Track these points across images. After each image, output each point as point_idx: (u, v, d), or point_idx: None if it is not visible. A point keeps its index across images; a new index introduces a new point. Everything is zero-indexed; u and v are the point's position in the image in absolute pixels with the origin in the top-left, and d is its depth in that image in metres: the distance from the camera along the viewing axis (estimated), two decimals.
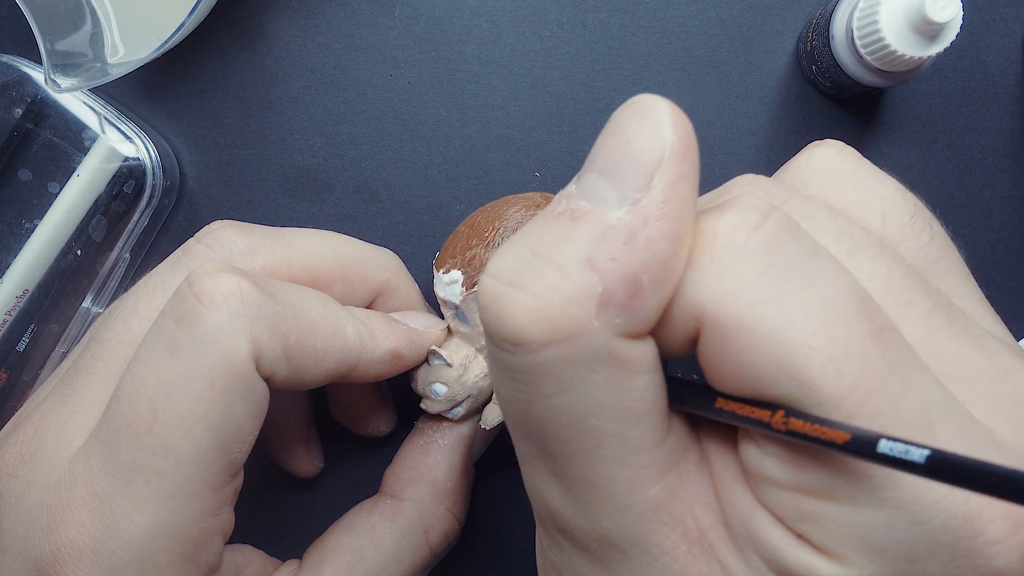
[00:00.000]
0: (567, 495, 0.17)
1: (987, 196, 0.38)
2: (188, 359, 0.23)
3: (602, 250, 0.15)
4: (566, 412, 0.16)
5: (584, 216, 0.16)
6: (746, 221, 0.16)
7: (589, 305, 0.15)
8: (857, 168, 0.20)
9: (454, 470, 0.32)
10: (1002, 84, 0.37)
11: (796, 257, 0.16)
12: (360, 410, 0.35)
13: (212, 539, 0.24)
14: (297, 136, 0.37)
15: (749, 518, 0.17)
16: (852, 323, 0.15)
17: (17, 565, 0.23)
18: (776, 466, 0.16)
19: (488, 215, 0.30)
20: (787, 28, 0.37)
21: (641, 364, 0.16)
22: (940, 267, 0.19)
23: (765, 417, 0.16)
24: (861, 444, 0.14)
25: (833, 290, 0.15)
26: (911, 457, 0.14)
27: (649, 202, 0.15)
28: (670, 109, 0.16)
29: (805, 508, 0.16)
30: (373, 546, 0.29)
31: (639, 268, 0.15)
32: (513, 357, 0.16)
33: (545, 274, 0.16)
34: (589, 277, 0.15)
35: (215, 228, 0.28)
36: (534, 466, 0.18)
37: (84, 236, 0.35)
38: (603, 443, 0.16)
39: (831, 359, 0.15)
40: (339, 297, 0.29)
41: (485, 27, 0.37)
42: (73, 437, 0.24)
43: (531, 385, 0.16)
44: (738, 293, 0.15)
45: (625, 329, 0.16)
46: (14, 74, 0.35)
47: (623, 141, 0.16)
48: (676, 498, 0.17)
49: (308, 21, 0.37)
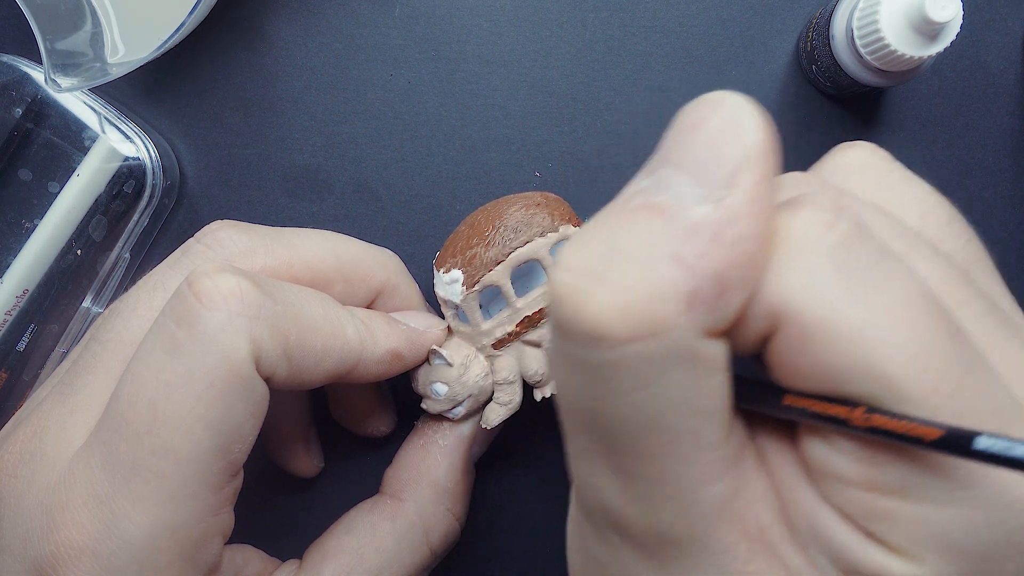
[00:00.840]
0: (628, 491, 0.17)
1: (987, 196, 0.38)
2: (188, 359, 0.23)
3: (690, 246, 0.15)
4: (642, 409, 0.16)
5: (666, 210, 0.15)
6: (820, 219, 0.16)
7: (677, 302, 0.15)
8: (891, 170, 0.20)
9: (454, 470, 0.32)
10: (1002, 84, 0.37)
11: (871, 256, 0.16)
12: (360, 410, 0.35)
13: (212, 539, 0.24)
14: (297, 136, 0.37)
15: (814, 516, 0.16)
16: (932, 323, 0.15)
17: (17, 565, 0.23)
18: (848, 463, 0.16)
19: (488, 214, 0.30)
20: (787, 28, 0.37)
21: (717, 362, 0.16)
22: (977, 269, 0.19)
23: (843, 413, 0.15)
24: (956, 440, 0.14)
25: (910, 290, 0.15)
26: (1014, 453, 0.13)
27: (735, 200, 0.15)
28: (752, 107, 0.16)
29: (877, 506, 0.16)
30: (373, 546, 0.29)
31: (727, 266, 0.15)
32: (589, 353, 0.15)
33: (629, 268, 0.15)
34: (677, 273, 0.15)
35: (215, 228, 0.28)
36: (592, 462, 0.18)
37: (84, 236, 0.35)
38: (676, 440, 0.16)
39: (915, 358, 0.15)
40: (339, 297, 0.29)
41: (485, 27, 0.37)
42: (73, 437, 0.24)
43: (608, 382, 0.16)
44: (817, 291, 0.15)
45: (709, 327, 0.15)
46: (14, 74, 0.35)
47: (704, 137, 0.16)
48: (738, 495, 0.17)
49: (308, 21, 0.37)
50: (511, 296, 0.29)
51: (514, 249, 0.29)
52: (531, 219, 0.29)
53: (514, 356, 0.30)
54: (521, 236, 0.29)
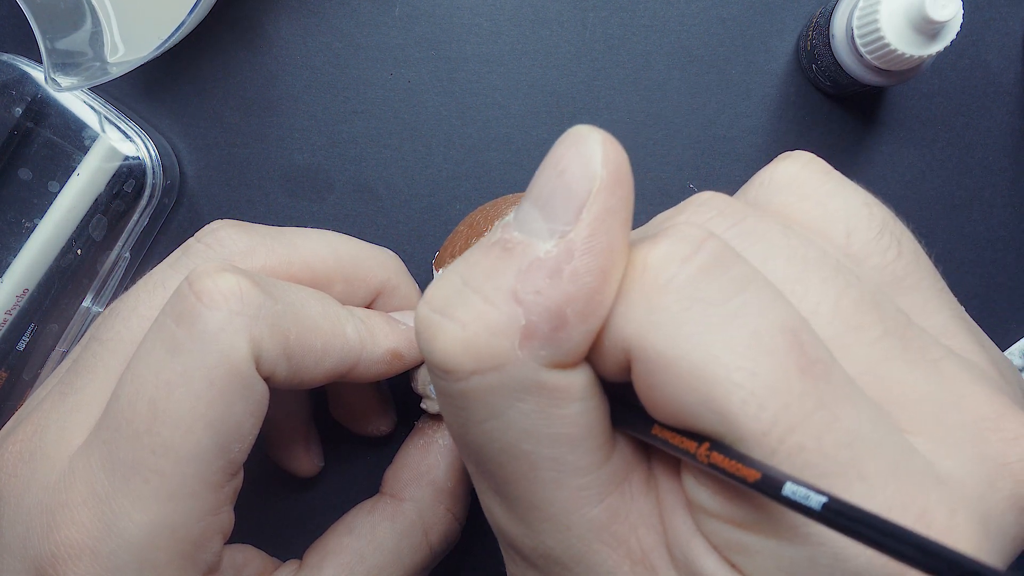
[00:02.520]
0: (512, 514, 0.18)
1: (987, 196, 0.38)
2: (188, 358, 0.23)
3: (527, 282, 0.16)
4: (498, 437, 0.16)
5: (514, 247, 0.16)
6: (676, 253, 0.16)
7: (512, 336, 0.16)
8: (823, 182, 0.19)
9: (454, 470, 0.32)
10: (1002, 84, 0.37)
11: (725, 290, 0.15)
12: (360, 410, 0.35)
13: (212, 538, 0.24)
14: (297, 136, 0.37)
15: (687, 544, 0.17)
16: (778, 357, 0.15)
17: (17, 564, 0.23)
18: (708, 496, 0.16)
19: (487, 214, 0.30)
20: (787, 28, 0.37)
21: (572, 392, 0.16)
22: (907, 283, 0.18)
23: (692, 448, 0.16)
24: (769, 484, 0.14)
25: (761, 323, 0.15)
26: (810, 503, 0.14)
27: (575, 235, 0.16)
28: (602, 141, 0.16)
29: (736, 539, 0.16)
30: (373, 546, 0.29)
31: (562, 301, 0.15)
32: (445, 383, 0.16)
33: (473, 304, 0.16)
34: (513, 309, 0.16)
35: (215, 227, 0.28)
36: (479, 485, 0.19)
37: (84, 235, 0.35)
38: (538, 466, 0.17)
39: (752, 394, 0.15)
40: (339, 297, 0.29)
41: (485, 27, 0.37)
42: (73, 436, 0.24)
43: (463, 411, 0.17)
44: (663, 327, 0.15)
45: (551, 360, 0.16)
46: (14, 73, 0.35)
47: (556, 172, 0.16)
48: (618, 519, 0.17)
49: (308, 21, 0.37)
50: None
51: None
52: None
53: None
54: None
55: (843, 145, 0.37)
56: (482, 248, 0.17)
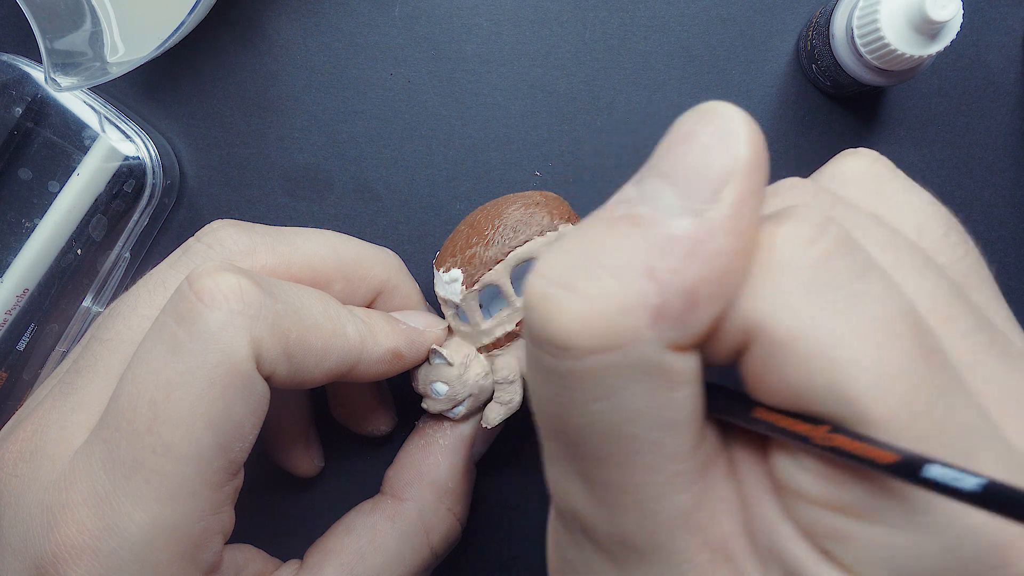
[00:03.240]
0: (593, 497, 0.17)
1: (987, 196, 0.38)
2: (188, 357, 0.23)
3: (663, 260, 0.15)
4: (605, 419, 0.16)
5: (646, 222, 0.15)
6: (802, 235, 0.16)
7: (643, 316, 0.15)
8: (891, 179, 0.20)
9: (455, 470, 0.32)
10: (1002, 84, 0.37)
11: (850, 274, 0.15)
12: (360, 410, 0.35)
13: (212, 538, 0.24)
14: (297, 136, 0.37)
15: (774, 530, 0.16)
16: (903, 344, 0.15)
17: (17, 564, 0.23)
18: (810, 480, 0.16)
19: (488, 214, 0.30)
20: (787, 28, 0.37)
21: (685, 375, 0.16)
22: (973, 282, 0.19)
23: (806, 431, 0.15)
24: (908, 467, 0.14)
25: (885, 309, 0.15)
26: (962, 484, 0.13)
27: (716, 215, 0.15)
28: (746, 121, 0.16)
29: (835, 525, 0.16)
30: (374, 546, 0.29)
31: (699, 282, 0.15)
32: (556, 360, 0.16)
33: (600, 279, 0.15)
34: (647, 287, 0.15)
35: (215, 227, 0.28)
36: (562, 466, 0.18)
37: (84, 235, 0.35)
38: (639, 450, 0.16)
39: (880, 379, 0.15)
40: (339, 296, 0.29)
41: (485, 27, 0.37)
42: (73, 436, 0.24)
43: (571, 390, 0.16)
44: (791, 309, 0.15)
45: (676, 341, 0.15)
46: (14, 73, 0.35)
47: (692, 148, 0.16)
48: (702, 506, 0.17)
49: (308, 21, 0.37)
50: (511, 295, 0.29)
51: (513, 248, 0.29)
52: (530, 218, 0.29)
53: (514, 355, 0.30)
54: (520, 235, 0.29)
55: (843, 145, 0.37)
56: (604, 221, 0.16)
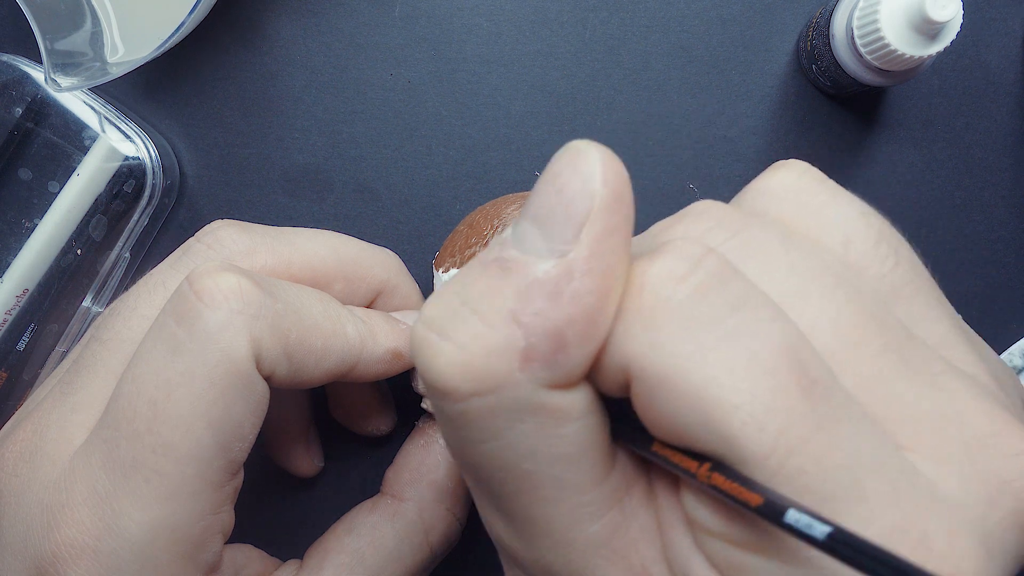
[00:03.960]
0: (511, 528, 0.18)
1: (987, 196, 0.38)
2: (188, 357, 0.23)
3: (526, 304, 0.15)
4: (498, 457, 0.16)
5: (513, 266, 0.16)
6: (674, 271, 0.16)
7: (512, 358, 0.15)
8: (819, 192, 0.19)
9: (455, 470, 0.31)
10: (1002, 84, 0.37)
11: (723, 308, 0.15)
12: (360, 409, 0.35)
13: (212, 538, 0.24)
14: (297, 136, 0.37)
15: (687, 561, 0.16)
16: (778, 378, 0.15)
17: (17, 564, 0.23)
18: (708, 515, 0.16)
19: (487, 214, 0.30)
20: (787, 28, 0.37)
21: (571, 412, 0.16)
22: (905, 293, 0.18)
23: (693, 468, 0.15)
24: (772, 510, 0.14)
25: (760, 344, 0.15)
26: (813, 532, 0.13)
27: (576, 256, 0.15)
28: (601, 158, 0.16)
29: (735, 559, 0.16)
30: (373, 546, 0.29)
31: (563, 323, 0.15)
32: (442, 403, 0.16)
33: (470, 324, 0.15)
34: (512, 330, 0.15)
35: (215, 227, 0.28)
36: (479, 500, 0.18)
37: (84, 235, 0.35)
38: (538, 485, 0.16)
39: (752, 416, 0.15)
40: (339, 296, 0.29)
41: (485, 27, 0.37)
42: (73, 436, 0.24)
43: (462, 431, 0.16)
44: (662, 347, 0.15)
45: (550, 381, 0.16)
46: (14, 73, 0.35)
47: (554, 190, 0.16)
48: (618, 534, 0.17)
49: (308, 21, 0.37)
50: None
51: None
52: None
53: None
54: None
55: (843, 145, 0.37)
56: (479, 266, 0.16)
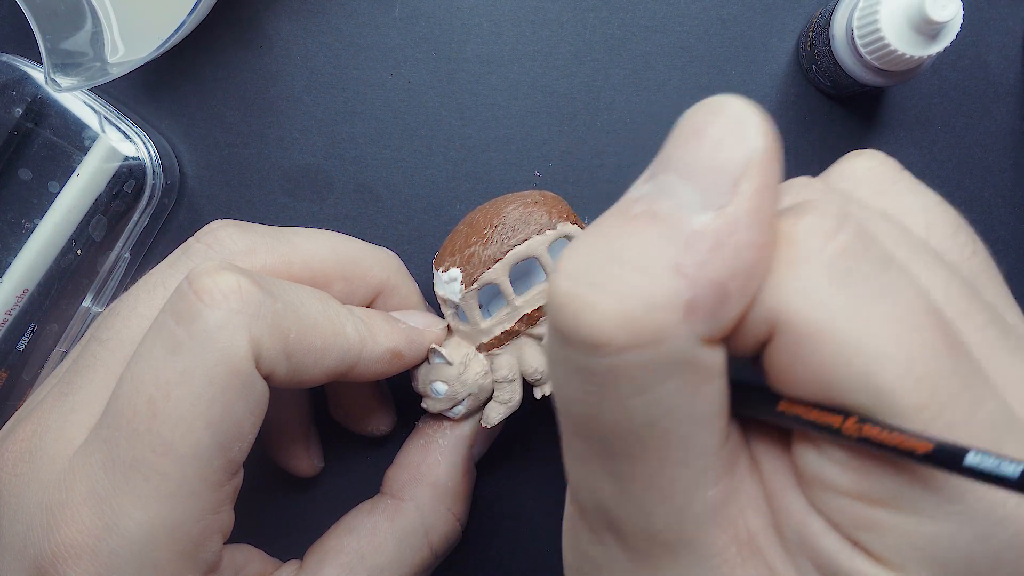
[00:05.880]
0: (623, 494, 0.17)
1: (987, 196, 0.38)
2: (188, 357, 0.23)
3: (690, 255, 0.15)
4: (640, 415, 0.16)
5: (667, 218, 0.15)
6: (823, 227, 0.16)
7: (676, 311, 0.15)
8: (899, 179, 0.20)
9: (455, 470, 0.32)
10: (1002, 84, 0.37)
11: (872, 266, 0.15)
12: (360, 409, 0.35)
13: (211, 537, 0.24)
14: (297, 136, 0.37)
15: (802, 523, 0.16)
16: (929, 335, 0.15)
17: (17, 563, 0.23)
18: (838, 472, 0.16)
19: (486, 213, 0.30)
20: (787, 28, 0.37)
21: (715, 369, 0.16)
22: (982, 280, 0.19)
23: (835, 422, 0.15)
24: (946, 455, 0.14)
25: (908, 301, 0.15)
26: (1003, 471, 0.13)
27: (737, 208, 0.15)
28: (756, 113, 0.16)
29: (866, 516, 0.16)
30: (374, 547, 0.29)
31: (727, 275, 0.15)
32: (589, 359, 0.15)
33: (629, 277, 0.15)
34: (677, 282, 0.15)
35: (215, 227, 0.28)
36: (588, 463, 0.18)
37: (84, 236, 0.35)
38: (670, 445, 0.16)
39: (909, 370, 0.15)
40: (339, 296, 0.29)
41: (485, 27, 0.37)
42: (73, 435, 0.24)
43: (606, 388, 0.16)
44: (816, 300, 0.15)
45: (708, 335, 0.15)
46: (14, 73, 0.35)
47: (705, 143, 0.16)
48: (730, 501, 0.17)
49: (308, 21, 0.37)
50: (510, 294, 0.29)
51: (512, 247, 0.29)
52: (529, 217, 0.29)
53: (514, 354, 0.30)
54: (519, 234, 0.29)
55: (843, 145, 0.37)
56: (623, 218, 0.16)
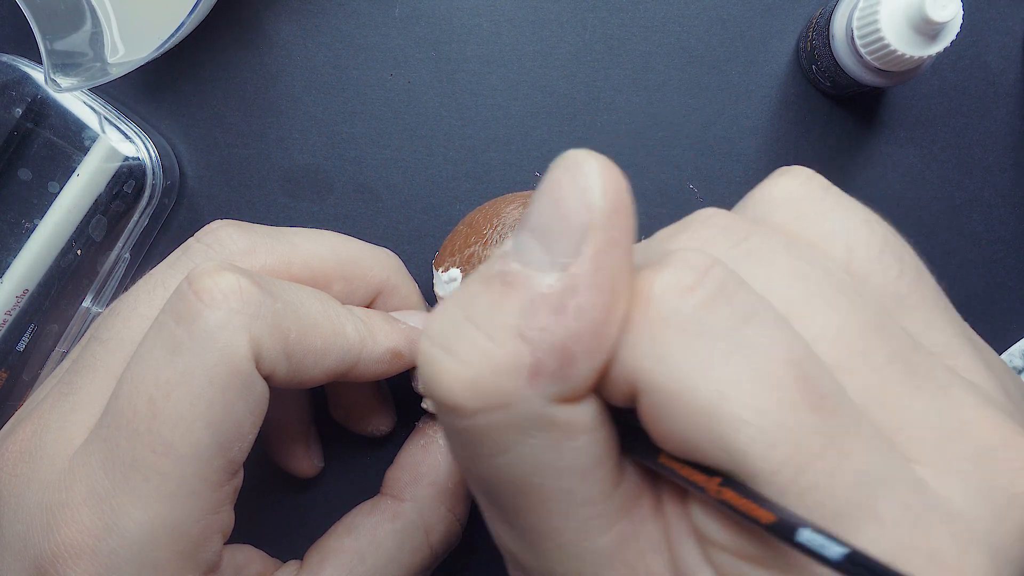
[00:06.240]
0: (521, 542, 0.17)
1: (987, 196, 0.38)
2: (188, 357, 0.23)
3: (532, 319, 0.15)
4: (507, 472, 0.16)
5: (515, 281, 0.15)
6: (680, 282, 0.15)
7: (519, 375, 0.15)
8: (822, 199, 0.19)
9: (455, 471, 0.31)
10: (1002, 84, 0.37)
11: (730, 322, 0.15)
12: (360, 409, 0.35)
13: (211, 537, 0.24)
14: (297, 136, 0.37)
15: (696, 574, 0.16)
16: (787, 393, 0.15)
17: (17, 563, 0.23)
18: (717, 528, 0.16)
19: (486, 213, 0.30)
20: (787, 28, 0.37)
21: (580, 425, 0.16)
22: (910, 302, 0.18)
23: (701, 482, 0.15)
24: (784, 528, 0.14)
25: (767, 357, 0.15)
26: (826, 552, 0.13)
27: (578, 270, 0.15)
28: (599, 169, 0.15)
29: (743, 573, 0.15)
30: (374, 547, 0.29)
31: (569, 338, 0.15)
32: (450, 419, 0.16)
33: (476, 341, 0.15)
34: (519, 347, 0.15)
35: (215, 227, 0.28)
36: (487, 511, 0.18)
37: (84, 236, 0.35)
38: (548, 498, 0.16)
39: (762, 432, 0.14)
40: (339, 297, 0.29)
41: (485, 27, 0.37)
42: (73, 435, 0.24)
43: (470, 447, 0.16)
44: (669, 361, 0.15)
45: (558, 396, 0.15)
46: (14, 74, 0.35)
47: (553, 202, 0.16)
48: (627, 545, 0.17)
49: (308, 21, 0.37)
50: None
51: None
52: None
53: None
54: None
55: (843, 145, 0.37)
56: (481, 280, 0.16)
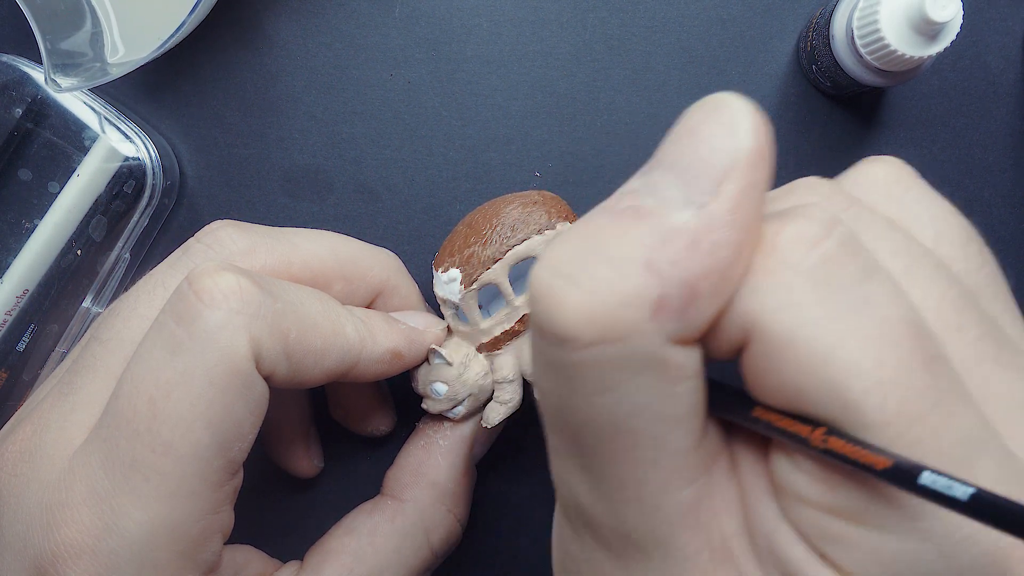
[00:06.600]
0: (596, 491, 0.17)
1: (987, 196, 0.38)
2: (188, 357, 0.23)
3: (663, 253, 0.15)
4: (607, 411, 0.16)
5: (648, 214, 0.15)
6: (808, 234, 0.16)
7: (643, 308, 0.15)
8: (913, 187, 0.19)
9: (455, 471, 0.32)
10: (1002, 84, 0.37)
11: (854, 277, 0.15)
12: (360, 409, 0.35)
13: (211, 537, 0.24)
14: (297, 136, 0.37)
15: (773, 532, 0.16)
16: (903, 349, 0.15)
17: (17, 563, 0.23)
18: (807, 483, 0.16)
19: (486, 213, 0.30)
20: (787, 28, 0.37)
21: (687, 370, 0.16)
22: (987, 293, 0.18)
23: (804, 432, 0.15)
24: (902, 473, 0.14)
25: (887, 314, 0.15)
26: (953, 493, 0.13)
27: (717, 208, 0.15)
28: (750, 112, 0.16)
29: (832, 529, 0.16)
30: (374, 547, 0.29)
31: (699, 275, 0.15)
32: (559, 352, 0.15)
33: (601, 271, 0.15)
34: (647, 279, 0.15)
35: (215, 228, 0.28)
36: (566, 460, 0.18)
37: (84, 236, 0.35)
38: (640, 444, 0.16)
39: (878, 384, 0.15)
40: (339, 297, 0.29)
41: (485, 27, 0.37)
42: (73, 435, 0.24)
43: (573, 381, 0.16)
44: (791, 308, 0.15)
45: (677, 335, 0.15)
46: (14, 74, 0.35)
47: (696, 140, 0.16)
48: (703, 503, 0.17)
49: (308, 21, 0.37)
50: (509, 294, 0.29)
51: (511, 247, 0.29)
52: (528, 217, 0.29)
53: (514, 354, 0.30)
54: (518, 234, 0.29)
55: (843, 145, 0.37)
56: (608, 213, 0.16)
